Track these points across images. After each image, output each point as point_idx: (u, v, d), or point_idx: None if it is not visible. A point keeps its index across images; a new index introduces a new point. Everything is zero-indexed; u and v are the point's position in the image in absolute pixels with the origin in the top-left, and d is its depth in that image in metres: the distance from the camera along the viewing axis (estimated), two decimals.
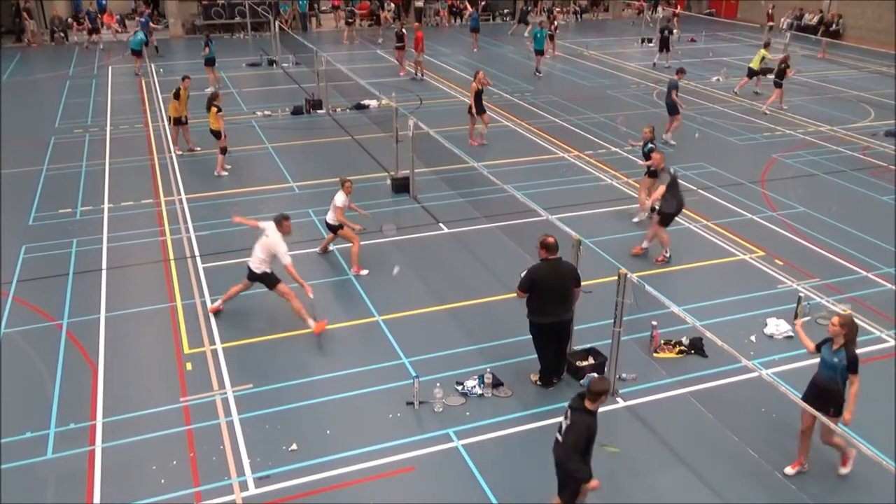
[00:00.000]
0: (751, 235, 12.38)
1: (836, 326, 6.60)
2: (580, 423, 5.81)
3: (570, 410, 5.93)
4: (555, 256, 7.97)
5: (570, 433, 5.84)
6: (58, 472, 7.15)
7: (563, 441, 5.91)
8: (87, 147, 17.05)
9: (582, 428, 5.80)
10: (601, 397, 5.82)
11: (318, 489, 6.93)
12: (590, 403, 5.82)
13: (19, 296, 10.39)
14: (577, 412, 5.86)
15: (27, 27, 30.92)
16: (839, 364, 6.56)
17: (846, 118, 19.98)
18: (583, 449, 5.86)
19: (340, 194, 10.82)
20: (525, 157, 16.37)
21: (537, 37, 24.63)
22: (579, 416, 5.83)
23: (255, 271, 9.42)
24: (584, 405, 5.83)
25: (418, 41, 24.30)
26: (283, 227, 9.39)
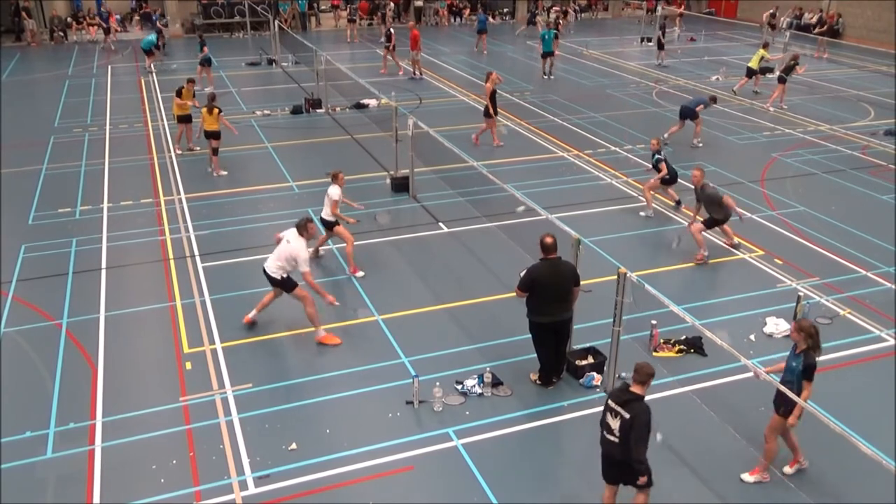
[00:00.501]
0: (750, 235, 12.38)
1: (794, 332, 6.70)
2: (642, 414, 5.83)
3: (622, 405, 5.89)
4: (554, 256, 7.98)
5: (634, 429, 5.81)
6: (57, 472, 7.15)
7: (625, 438, 5.87)
8: (87, 146, 17.05)
9: (646, 418, 5.84)
10: (650, 380, 5.91)
11: (318, 488, 6.93)
12: (641, 389, 5.88)
13: (19, 295, 10.39)
14: (631, 404, 5.86)
15: (27, 26, 30.93)
16: (797, 368, 6.59)
17: (846, 117, 19.98)
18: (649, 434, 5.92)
19: (335, 187, 10.74)
20: (525, 157, 16.37)
21: (545, 38, 23.92)
22: (637, 407, 5.84)
23: (274, 276, 9.16)
24: (636, 393, 5.88)
25: (414, 40, 24.26)
26: (307, 231, 9.08)
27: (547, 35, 23.89)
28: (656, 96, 22.10)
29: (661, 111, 20.20)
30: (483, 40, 29.13)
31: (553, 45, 24.11)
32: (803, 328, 6.59)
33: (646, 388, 5.92)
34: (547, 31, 24.05)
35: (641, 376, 5.90)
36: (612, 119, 19.38)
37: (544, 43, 23.98)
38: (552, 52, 24.19)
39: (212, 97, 15.10)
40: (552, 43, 23.99)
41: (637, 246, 12.15)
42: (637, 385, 5.92)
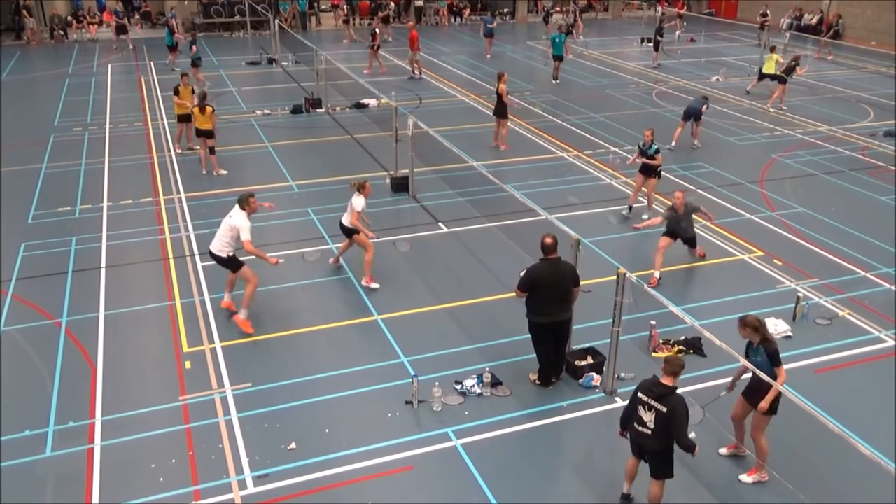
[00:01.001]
0: (750, 235, 12.39)
1: (741, 329, 6.85)
2: (679, 406, 6.02)
3: (657, 399, 6.08)
4: (554, 256, 7.98)
5: (675, 420, 6.00)
6: (57, 471, 7.15)
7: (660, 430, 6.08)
8: (87, 145, 17.05)
9: (683, 409, 6.03)
10: (681, 371, 6.11)
11: (317, 488, 6.94)
12: (672, 380, 6.07)
13: (19, 294, 10.39)
14: (666, 398, 6.04)
15: (27, 25, 30.92)
16: (763, 362, 6.69)
17: (845, 118, 20.00)
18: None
19: (360, 198, 10.28)
20: (524, 157, 16.38)
21: (556, 42, 23.25)
22: (673, 401, 6.03)
23: (220, 256, 9.28)
24: (670, 386, 6.06)
25: (413, 40, 24.23)
26: (248, 204, 9.23)
27: (558, 38, 23.19)
28: (656, 97, 22.10)
29: (660, 112, 20.20)
30: (489, 44, 28.43)
31: (564, 49, 23.47)
32: (748, 324, 6.81)
33: (677, 380, 6.11)
34: (558, 35, 23.34)
35: (673, 367, 6.10)
36: (612, 119, 19.38)
37: (555, 46, 23.28)
38: (562, 57, 23.53)
39: (203, 96, 15.07)
40: (563, 46, 23.31)
41: (636, 246, 12.16)
42: (668, 377, 6.10)
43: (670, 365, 6.13)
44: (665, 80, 24.41)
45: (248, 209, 9.26)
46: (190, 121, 16.03)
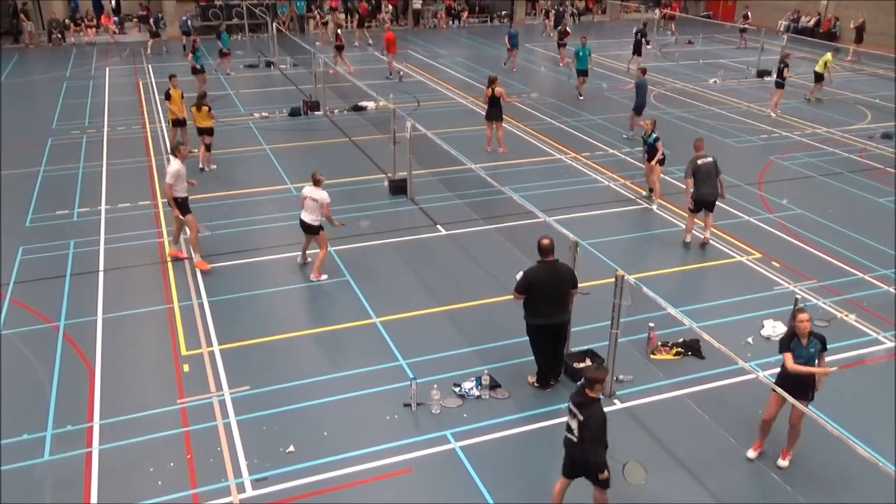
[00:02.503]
0: (748, 237, 12.40)
1: (806, 322, 6.93)
2: (595, 417, 5.94)
3: (578, 406, 6.01)
4: (552, 258, 7.98)
5: (588, 430, 5.94)
6: (55, 474, 7.14)
7: (582, 439, 6.00)
8: (85, 148, 17.04)
9: (598, 420, 5.96)
10: (597, 385, 5.99)
11: (316, 491, 6.93)
12: (592, 392, 5.97)
13: (16, 297, 10.38)
14: (585, 407, 5.97)
15: (25, 28, 30.91)
16: (815, 353, 6.92)
17: (843, 120, 20.03)
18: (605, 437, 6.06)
19: (323, 192, 10.50)
20: (522, 159, 16.39)
21: (580, 55, 21.37)
22: (590, 410, 5.95)
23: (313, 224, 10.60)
24: (589, 396, 5.97)
25: (388, 43, 24.41)
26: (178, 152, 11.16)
27: (582, 52, 21.34)
28: (654, 99, 22.12)
29: (659, 113, 20.19)
30: (514, 56, 26.26)
31: (589, 63, 21.82)
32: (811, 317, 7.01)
33: (596, 392, 5.99)
34: (582, 48, 21.33)
35: (589, 382, 6.00)
36: (610, 121, 19.40)
37: (579, 60, 21.50)
38: (587, 71, 21.80)
39: (201, 95, 15.14)
40: (588, 60, 21.61)
41: (635, 248, 12.17)
42: (588, 389, 6.00)
43: (587, 377, 6.05)
44: (663, 82, 24.43)
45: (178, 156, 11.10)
46: (184, 125, 16.05)
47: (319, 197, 10.45)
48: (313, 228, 10.63)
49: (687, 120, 19.75)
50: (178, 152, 11.14)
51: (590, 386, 5.98)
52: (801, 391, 6.90)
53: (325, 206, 10.47)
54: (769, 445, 7.38)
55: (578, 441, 6.05)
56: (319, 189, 10.52)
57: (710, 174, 11.64)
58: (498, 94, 16.20)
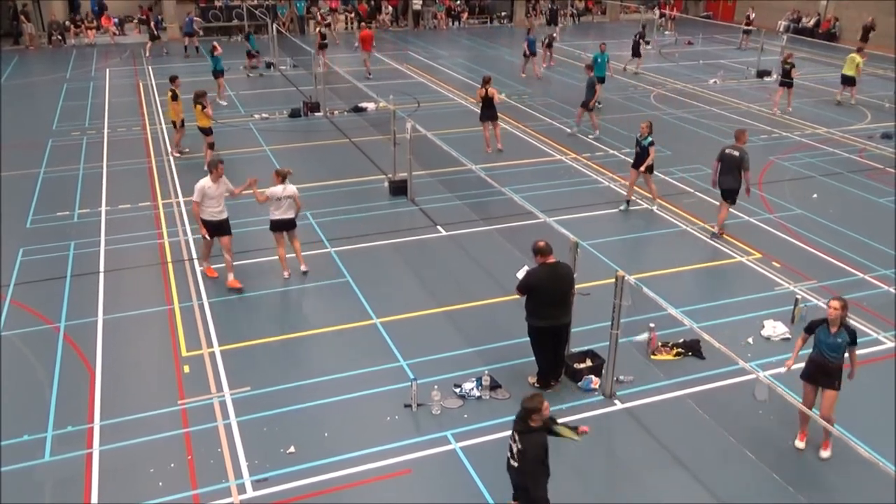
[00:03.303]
0: (748, 237, 12.41)
1: (837, 310, 6.95)
2: (533, 448, 5.66)
3: (518, 434, 5.73)
4: (552, 259, 7.98)
5: (527, 459, 5.67)
6: (55, 476, 7.14)
7: (522, 466, 5.73)
8: (85, 150, 17.05)
9: (536, 451, 5.68)
10: (533, 414, 5.63)
11: (316, 492, 6.93)
12: (531, 422, 5.66)
13: (17, 298, 10.38)
14: (525, 436, 5.68)
15: (25, 30, 30.92)
16: (843, 343, 6.97)
17: (843, 120, 20.03)
18: (546, 468, 5.80)
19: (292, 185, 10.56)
20: (523, 160, 16.39)
21: (598, 62, 20.35)
22: (529, 441, 5.66)
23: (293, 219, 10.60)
24: (529, 425, 5.67)
25: (364, 40, 24.68)
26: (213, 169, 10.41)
27: (600, 58, 20.59)
28: (654, 99, 22.14)
29: (659, 115, 20.23)
30: (534, 63, 25.29)
31: (607, 70, 21.26)
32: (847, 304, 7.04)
33: (536, 422, 5.67)
34: (600, 54, 20.67)
35: (525, 412, 5.66)
36: (610, 122, 19.39)
37: (597, 67, 20.14)
38: (604, 79, 20.75)
39: (199, 94, 15.11)
40: (606, 66, 21.03)
41: (635, 249, 12.17)
42: (527, 419, 5.68)
43: (523, 407, 5.70)
44: (663, 82, 24.45)
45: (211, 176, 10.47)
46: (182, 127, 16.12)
47: (293, 192, 10.49)
48: (292, 223, 10.66)
49: (687, 120, 19.76)
50: (213, 169, 10.39)
51: (528, 416, 5.65)
52: (827, 379, 7.07)
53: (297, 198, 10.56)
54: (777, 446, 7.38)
55: (519, 466, 5.77)
56: (289, 184, 10.53)
57: (731, 165, 12.00)
58: (490, 94, 16.30)
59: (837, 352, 7.01)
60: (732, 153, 12.06)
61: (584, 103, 17.96)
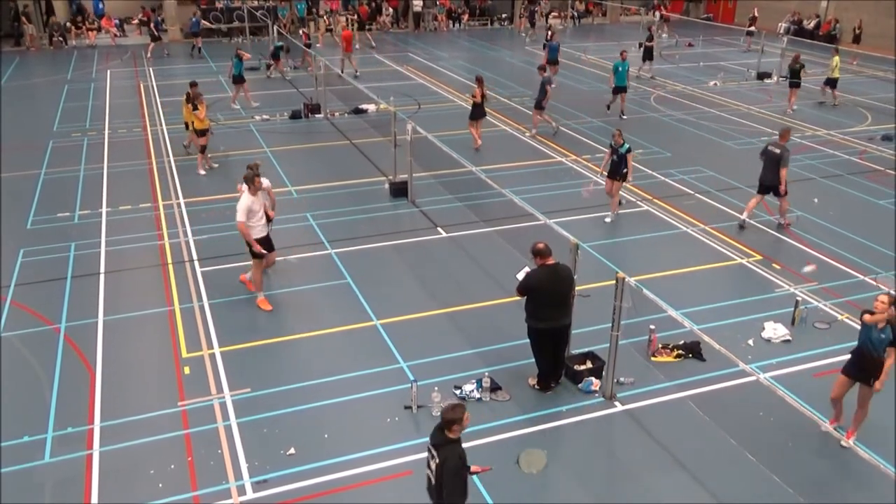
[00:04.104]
0: (748, 239, 12.41)
1: (884, 304, 7.03)
2: (450, 459, 5.50)
3: (435, 447, 5.58)
4: (552, 261, 7.98)
5: (444, 472, 5.49)
6: (55, 477, 7.14)
7: (440, 479, 5.52)
8: (86, 151, 17.06)
9: (455, 462, 5.51)
10: (454, 425, 5.50)
11: (316, 493, 6.93)
12: (450, 433, 5.53)
13: (17, 299, 10.39)
14: (442, 448, 5.53)
15: (26, 31, 30.93)
16: (885, 339, 7.06)
17: (843, 122, 20.04)
18: (463, 481, 5.62)
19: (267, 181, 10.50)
20: (523, 161, 16.40)
21: (618, 71, 19.72)
22: (446, 452, 5.51)
23: None
24: (447, 437, 5.53)
25: (345, 41, 24.86)
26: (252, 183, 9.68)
27: (621, 67, 19.70)
28: (654, 101, 22.15)
29: (659, 116, 20.25)
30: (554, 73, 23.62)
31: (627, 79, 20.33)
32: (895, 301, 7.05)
33: (455, 433, 5.51)
34: (621, 63, 19.77)
35: (445, 422, 5.50)
36: (611, 124, 19.36)
37: (617, 76, 19.80)
38: (625, 88, 20.18)
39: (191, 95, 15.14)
40: (626, 76, 20.08)
41: (635, 250, 12.17)
42: (446, 430, 5.52)
43: (443, 417, 5.53)
44: (663, 84, 24.46)
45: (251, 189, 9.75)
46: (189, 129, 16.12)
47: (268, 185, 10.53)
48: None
49: (687, 122, 19.77)
50: (251, 183, 9.73)
51: (447, 427, 5.48)
52: (864, 375, 7.18)
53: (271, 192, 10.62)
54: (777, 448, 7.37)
55: (437, 483, 5.56)
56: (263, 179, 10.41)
57: (770, 161, 12.42)
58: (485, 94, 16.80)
59: (880, 347, 7.08)
60: (774, 150, 12.45)
61: (538, 103, 18.15)
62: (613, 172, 12.90)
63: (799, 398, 7.38)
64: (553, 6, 40.48)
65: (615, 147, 12.75)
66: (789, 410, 6.89)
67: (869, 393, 7.27)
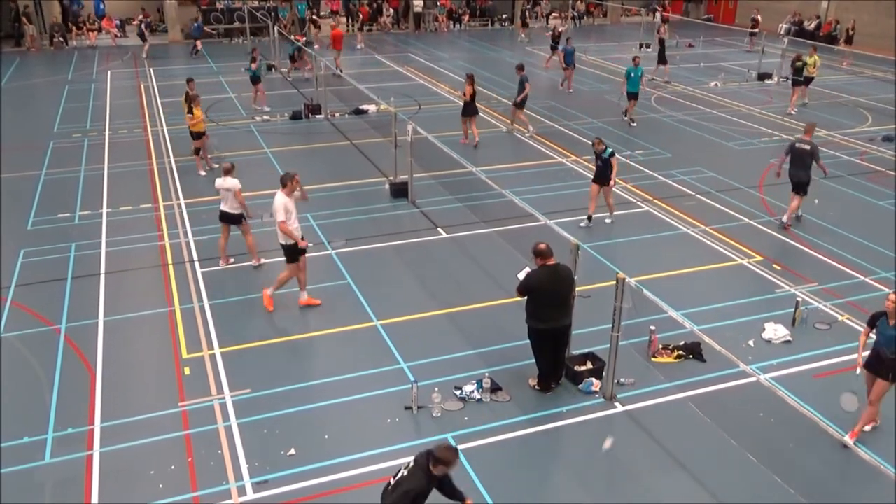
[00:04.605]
0: (749, 240, 12.40)
1: (892, 303, 7.10)
2: (412, 481, 5.47)
3: (414, 463, 5.60)
4: (552, 261, 7.98)
5: (399, 488, 5.48)
6: (55, 477, 7.14)
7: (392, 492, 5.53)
8: (86, 151, 17.06)
9: (412, 486, 5.46)
10: (440, 466, 5.49)
11: (317, 494, 6.93)
12: (433, 469, 5.51)
13: (18, 300, 10.39)
14: (416, 468, 5.54)
15: (27, 32, 30.95)
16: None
17: (844, 123, 20.04)
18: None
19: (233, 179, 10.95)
20: (523, 162, 16.41)
21: (631, 77, 19.22)
22: (415, 474, 5.51)
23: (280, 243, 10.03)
24: (428, 468, 5.51)
25: (335, 40, 25.07)
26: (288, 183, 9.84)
27: (634, 73, 19.20)
28: (655, 102, 22.14)
29: (659, 117, 20.25)
30: (570, 76, 23.57)
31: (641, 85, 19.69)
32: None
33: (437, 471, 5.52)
34: (634, 69, 19.21)
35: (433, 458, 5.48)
36: (611, 125, 19.41)
37: (630, 82, 19.33)
38: (638, 94, 19.60)
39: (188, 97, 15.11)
40: (640, 82, 19.51)
41: (635, 251, 12.16)
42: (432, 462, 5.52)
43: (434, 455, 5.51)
44: (664, 85, 24.45)
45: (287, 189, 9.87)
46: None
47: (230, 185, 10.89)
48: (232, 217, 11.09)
49: (687, 123, 19.77)
50: (289, 182, 9.83)
51: (435, 463, 5.49)
52: (882, 369, 7.20)
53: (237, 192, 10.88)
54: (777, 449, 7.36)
55: (390, 493, 5.56)
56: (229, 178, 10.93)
57: (802, 158, 12.53)
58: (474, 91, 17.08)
59: (894, 344, 7.10)
60: (803, 146, 12.53)
61: (519, 102, 18.31)
62: (599, 177, 12.82)
63: (799, 399, 7.39)
64: (554, 6, 40.49)
65: (598, 153, 12.65)
66: (790, 411, 6.88)
67: (883, 387, 7.27)
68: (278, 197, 9.73)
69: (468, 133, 17.51)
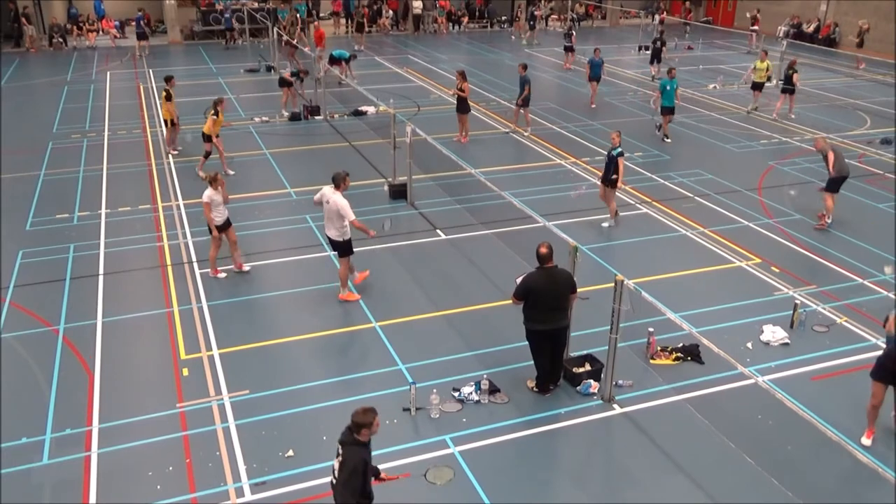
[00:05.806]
0: (747, 242, 12.42)
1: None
2: (352, 458, 5.53)
3: (341, 444, 5.64)
4: (550, 265, 7.99)
5: (344, 471, 5.53)
6: (53, 478, 7.13)
7: (339, 480, 5.57)
8: (85, 152, 17.06)
9: (352, 463, 5.52)
10: (362, 429, 5.57)
11: (315, 496, 6.92)
12: (359, 436, 5.58)
13: (16, 301, 10.38)
14: (347, 447, 5.59)
15: (26, 32, 30.95)
16: None
17: (842, 126, 20.06)
18: (360, 484, 5.60)
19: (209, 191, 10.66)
20: (522, 164, 16.42)
21: (665, 90, 17.82)
22: (350, 451, 5.56)
23: (337, 241, 10.07)
24: (355, 437, 5.58)
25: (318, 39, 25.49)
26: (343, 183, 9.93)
27: (669, 85, 17.82)
28: (654, 104, 22.13)
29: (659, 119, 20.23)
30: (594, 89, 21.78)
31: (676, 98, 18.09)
32: None
33: (364, 437, 5.60)
34: (670, 81, 17.84)
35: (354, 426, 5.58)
36: (610, 127, 19.36)
37: (665, 95, 17.91)
38: (674, 108, 18.26)
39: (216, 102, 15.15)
40: (675, 95, 17.94)
41: (634, 253, 12.17)
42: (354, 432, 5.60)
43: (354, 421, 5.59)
44: None
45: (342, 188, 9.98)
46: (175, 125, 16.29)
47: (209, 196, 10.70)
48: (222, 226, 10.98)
49: (687, 125, 19.78)
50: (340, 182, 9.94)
51: (356, 430, 5.57)
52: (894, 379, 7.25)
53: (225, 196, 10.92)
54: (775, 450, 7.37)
55: (337, 482, 5.59)
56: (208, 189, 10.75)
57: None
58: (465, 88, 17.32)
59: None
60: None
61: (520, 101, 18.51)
62: (604, 176, 12.86)
63: (797, 401, 7.40)
64: (553, 9, 40.52)
65: (610, 148, 12.66)
66: (788, 413, 6.89)
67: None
68: (339, 199, 9.85)
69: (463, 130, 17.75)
